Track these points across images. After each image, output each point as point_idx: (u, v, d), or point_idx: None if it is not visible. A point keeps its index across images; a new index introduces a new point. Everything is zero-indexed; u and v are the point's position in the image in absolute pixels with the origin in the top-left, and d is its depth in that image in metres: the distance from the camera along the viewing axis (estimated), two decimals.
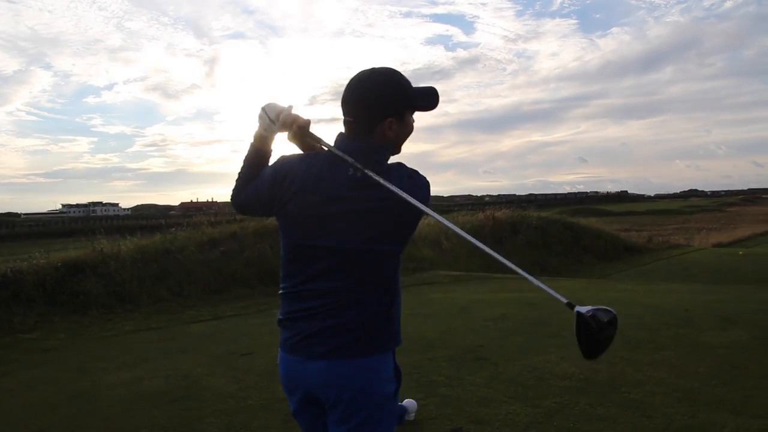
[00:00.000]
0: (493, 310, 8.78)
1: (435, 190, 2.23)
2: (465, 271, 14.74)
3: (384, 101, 2.06)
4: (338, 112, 2.16)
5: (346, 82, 2.12)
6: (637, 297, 10.24)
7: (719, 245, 32.08)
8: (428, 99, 2.16)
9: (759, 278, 16.86)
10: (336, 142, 2.13)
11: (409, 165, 2.13)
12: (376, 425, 2.09)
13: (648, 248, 26.91)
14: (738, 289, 11.87)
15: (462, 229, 2.17)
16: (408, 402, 4.50)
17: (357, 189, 2.03)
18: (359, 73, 2.12)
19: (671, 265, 21.71)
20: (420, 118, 2.19)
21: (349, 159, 2.05)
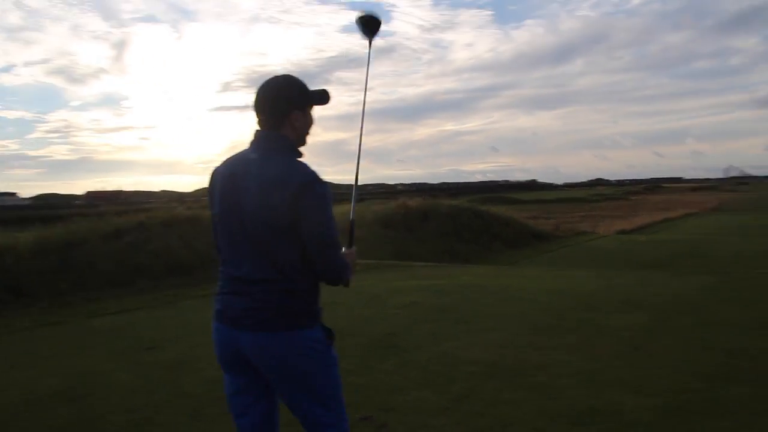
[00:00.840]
0: (404, 297, 8.82)
1: (348, 178, 2.58)
2: (376, 260, 14.75)
3: (288, 98, 2.47)
4: (250, 99, 2.51)
5: (261, 68, 2.25)
6: (545, 283, 10.50)
7: (623, 232, 33.28)
8: (323, 96, 2.57)
9: (659, 263, 17.58)
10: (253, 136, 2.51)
11: (322, 153, 2.38)
12: (310, 383, 2.44)
13: (555, 235, 27.70)
14: (639, 274, 12.34)
15: (374, 217, 2.29)
16: None
17: (254, 167, 2.39)
18: (265, 81, 2.51)
19: (577, 252, 22.40)
20: (333, 107, 2.48)
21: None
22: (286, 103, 2.46)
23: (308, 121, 2.54)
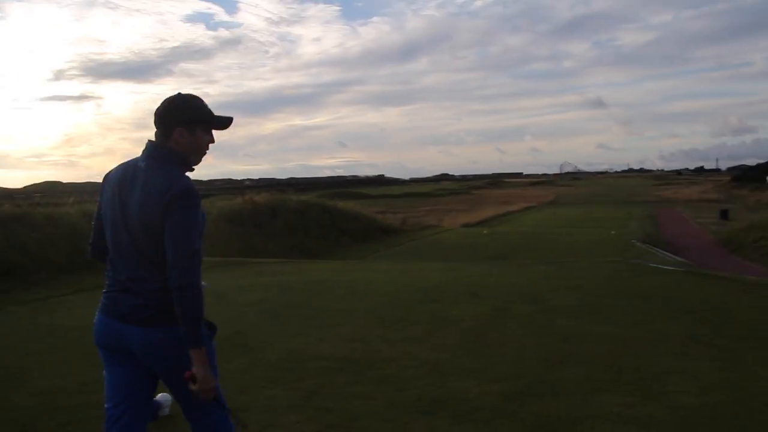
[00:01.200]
0: (252, 295, 8.70)
1: (193, 174, 2.60)
2: (223, 257, 14.45)
3: (173, 113, 2.58)
4: (87, 89, 2.41)
5: (98, 57, 2.14)
6: (392, 276, 10.69)
7: (467, 225, 34.60)
8: (222, 121, 2.69)
9: (500, 254, 18.41)
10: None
11: None
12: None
13: (403, 229, 28.34)
14: (482, 266, 12.85)
15: (220, 213, 2.26)
16: (161, 396, 4.26)
17: (140, 174, 2.54)
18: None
19: (424, 245, 23.02)
20: None
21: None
22: (171, 119, 2.58)
23: (196, 140, 2.63)
